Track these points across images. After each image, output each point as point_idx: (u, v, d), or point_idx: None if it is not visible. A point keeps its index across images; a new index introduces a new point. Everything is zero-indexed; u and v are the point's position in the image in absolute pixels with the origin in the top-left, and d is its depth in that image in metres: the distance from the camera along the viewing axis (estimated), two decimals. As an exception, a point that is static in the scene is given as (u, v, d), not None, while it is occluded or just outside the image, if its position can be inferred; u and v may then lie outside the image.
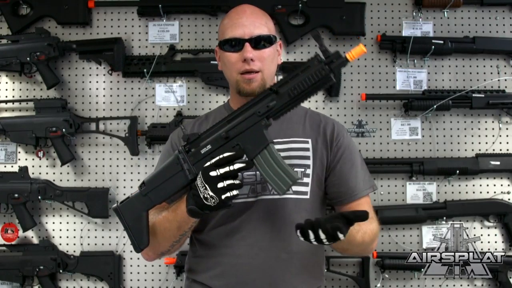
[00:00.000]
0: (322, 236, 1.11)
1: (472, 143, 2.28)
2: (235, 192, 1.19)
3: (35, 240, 2.23)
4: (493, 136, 2.28)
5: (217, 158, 1.20)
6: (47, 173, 2.25)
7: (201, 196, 1.19)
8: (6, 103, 2.24)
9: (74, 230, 2.24)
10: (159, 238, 1.36)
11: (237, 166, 1.19)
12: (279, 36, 2.24)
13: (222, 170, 1.18)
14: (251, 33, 1.36)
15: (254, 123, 1.21)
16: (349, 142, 1.47)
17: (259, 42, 1.37)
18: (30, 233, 2.22)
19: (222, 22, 1.44)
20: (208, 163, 1.20)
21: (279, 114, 1.22)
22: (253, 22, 1.37)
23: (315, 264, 1.44)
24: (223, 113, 1.50)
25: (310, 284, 1.41)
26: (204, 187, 1.19)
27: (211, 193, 1.18)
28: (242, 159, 1.22)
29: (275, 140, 1.38)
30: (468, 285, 2.23)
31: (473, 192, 2.26)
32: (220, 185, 1.18)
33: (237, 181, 1.19)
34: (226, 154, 1.20)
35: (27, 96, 2.27)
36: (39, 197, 2.15)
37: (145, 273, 2.24)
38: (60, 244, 2.23)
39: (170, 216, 1.32)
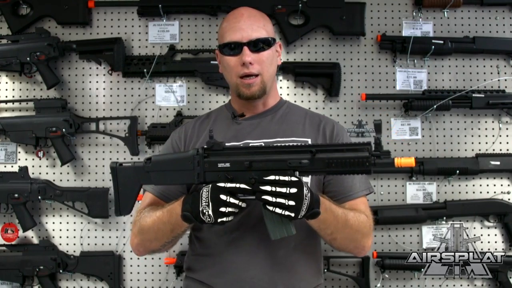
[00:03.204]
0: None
1: (472, 143, 2.28)
2: (231, 218, 1.20)
3: (35, 240, 2.23)
4: (493, 136, 2.28)
5: (234, 185, 1.18)
6: (47, 173, 2.25)
7: (200, 209, 1.20)
8: (6, 103, 2.24)
9: (74, 230, 2.24)
10: (151, 237, 1.38)
11: (244, 205, 1.20)
12: (279, 36, 2.24)
13: (232, 200, 1.18)
14: (249, 36, 1.38)
15: (280, 169, 1.18)
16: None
17: (258, 45, 1.38)
18: (30, 233, 2.23)
19: (221, 25, 1.46)
20: (222, 184, 1.19)
21: (306, 174, 1.21)
22: (251, 25, 1.39)
23: (313, 262, 1.44)
24: (224, 113, 1.52)
25: (308, 282, 1.41)
26: (206, 203, 1.19)
27: (210, 212, 1.19)
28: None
29: (275, 140, 1.38)
30: (468, 285, 2.23)
31: (473, 192, 2.26)
32: (222, 209, 1.18)
33: (236, 210, 1.20)
34: (243, 186, 1.18)
35: (27, 96, 2.27)
36: (39, 197, 2.15)
37: (145, 273, 2.24)
38: (60, 244, 2.23)
39: (164, 218, 1.33)
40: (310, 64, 2.27)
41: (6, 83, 2.29)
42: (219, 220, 1.19)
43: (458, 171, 2.20)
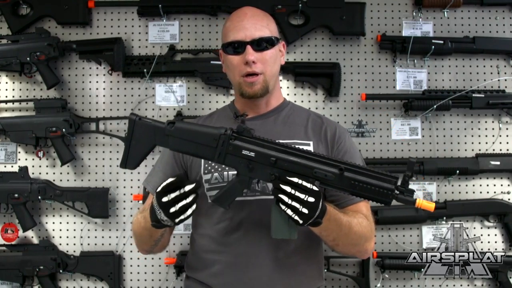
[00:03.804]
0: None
1: (472, 143, 2.28)
2: (189, 212, 1.20)
3: (35, 240, 2.23)
4: (493, 136, 2.28)
5: (164, 183, 1.20)
6: (47, 173, 2.25)
7: (158, 217, 1.22)
8: (6, 103, 2.24)
9: (74, 230, 2.24)
10: (139, 240, 1.45)
11: (187, 188, 1.18)
12: (280, 36, 2.24)
13: (172, 195, 1.18)
14: (252, 35, 1.38)
15: (303, 175, 1.18)
16: (350, 145, 1.47)
17: (261, 44, 1.38)
18: (30, 233, 2.22)
19: (224, 25, 1.46)
20: (159, 188, 1.20)
21: (327, 187, 1.20)
22: (254, 25, 1.39)
23: (313, 264, 1.44)
24: (228, 113, 1.52)
25: (308, 284, 1.41)
26: (159, 211, 1.21)
27: (165, 218, 1.21)
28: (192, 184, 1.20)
29: (276, 141, 1.38)
30: (468, 285, 2.23)
31: (473, 192, 2.26)
32: (172, 210, 1.19)
33: (189, 199, 1.19)
34: (170, 180, 1.19)
35: (27, 96, 2.27)
36: (39, 197, 2.15)
37: (145, 273, 2.24)
38: (60, 244, 2.23)
39: (142, 223, 1.36)
40: (310, 64, 2.27)
41: (6, 83, 2.29)
42: (177, 220, 1.20)
43: (458, 171, 2.20)
